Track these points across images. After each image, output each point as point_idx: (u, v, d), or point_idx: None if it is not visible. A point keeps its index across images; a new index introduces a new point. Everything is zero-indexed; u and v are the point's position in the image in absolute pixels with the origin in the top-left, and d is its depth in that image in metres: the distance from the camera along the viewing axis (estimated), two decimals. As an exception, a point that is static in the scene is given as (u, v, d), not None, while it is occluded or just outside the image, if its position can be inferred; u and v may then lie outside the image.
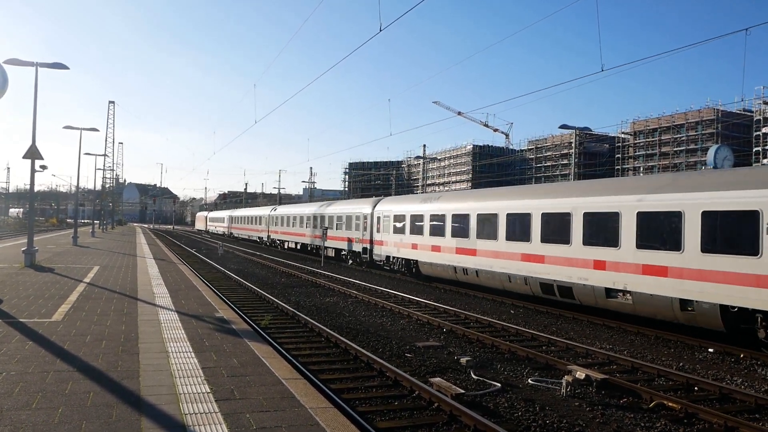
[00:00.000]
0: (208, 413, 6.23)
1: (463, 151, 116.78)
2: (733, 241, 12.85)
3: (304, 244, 43.87)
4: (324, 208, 40.32)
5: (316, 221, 40.69)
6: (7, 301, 13.23)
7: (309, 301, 19.57)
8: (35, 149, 21.08)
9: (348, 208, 35.79)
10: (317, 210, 41.30)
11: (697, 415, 8.70)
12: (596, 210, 16.55)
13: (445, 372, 10.79)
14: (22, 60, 20.60)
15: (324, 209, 39.90)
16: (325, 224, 38.62)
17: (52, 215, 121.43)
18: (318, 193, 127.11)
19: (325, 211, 39.35)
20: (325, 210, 39.58)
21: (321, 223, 39.30)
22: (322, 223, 39.16)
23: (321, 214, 39.98)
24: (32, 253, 22.21)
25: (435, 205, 25.11)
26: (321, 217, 39.68)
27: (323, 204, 42.49)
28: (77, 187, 49.34)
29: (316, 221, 40.69)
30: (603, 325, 16.31)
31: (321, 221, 39.42)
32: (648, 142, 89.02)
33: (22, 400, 6.42)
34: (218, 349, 9.31)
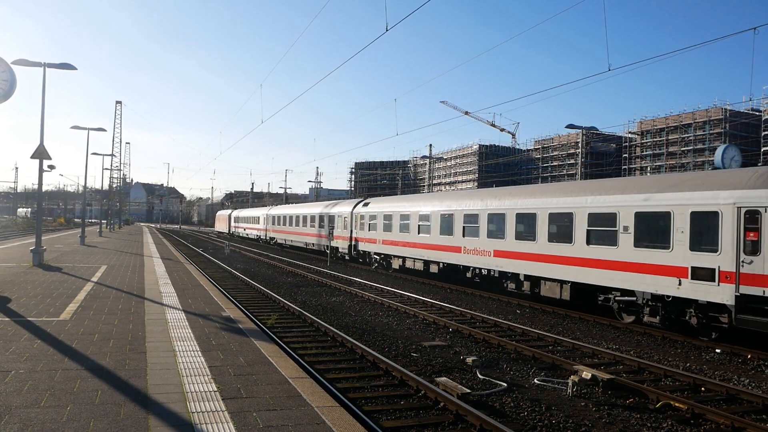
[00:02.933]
0: (215, 412, 6.26)
1: (469, 151, 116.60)
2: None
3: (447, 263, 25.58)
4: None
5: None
6: (15, 300, 13.32)
7: (315, 301, 19.60)
8: (43, 149, 21.20)
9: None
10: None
11: (704, 416, 8.68)
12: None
13: (451, 371, 10.80)
14: (30, 61, 20.73)
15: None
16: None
17: (59, 215, 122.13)
18: (324, 193, 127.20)
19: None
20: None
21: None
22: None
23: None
24: (40, 252, 22.34)
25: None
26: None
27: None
28: (85, 186, 49.60)
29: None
30: (609, 325, 16.28)
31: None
32: (655, 141, 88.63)
33: (30, 398, 6.47)
34: (225, 348, 9.35)
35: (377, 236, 30.97)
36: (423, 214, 26.14)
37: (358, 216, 33.79)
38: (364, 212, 33.11)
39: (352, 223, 34.72)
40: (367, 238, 32.40)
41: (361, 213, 33.52)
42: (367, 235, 32.44)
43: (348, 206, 36.38)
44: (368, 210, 32.59)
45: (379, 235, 30.76)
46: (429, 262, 25.75)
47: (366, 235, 32.68)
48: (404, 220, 27.88)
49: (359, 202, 35.41)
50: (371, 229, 31.85)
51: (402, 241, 28.03)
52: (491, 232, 21.40)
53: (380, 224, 30.58)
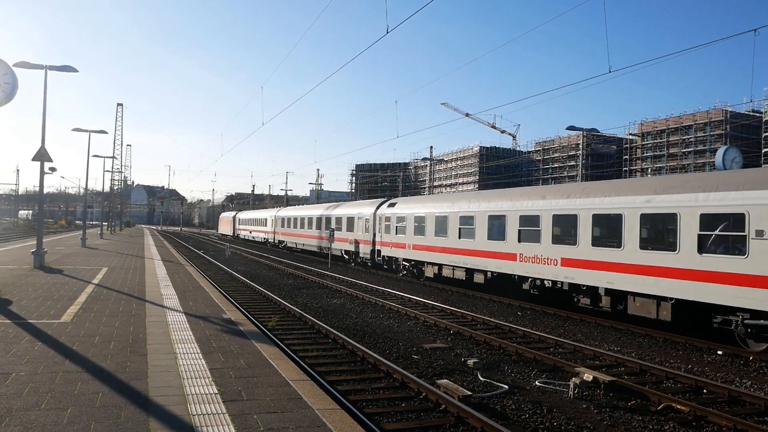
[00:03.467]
0: (215, 414, 6.25)
1: (470, 153, 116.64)
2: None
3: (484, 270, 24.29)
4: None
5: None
6: (16, 303, 13.32)
7: (316, 303, 19.59)
8: (44, 151, 21.22)
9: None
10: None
11: (705, 418, 8.66)
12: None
13: (452, 374, 10.78)
14: (32, 63, 20.78)
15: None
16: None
17: (60, 217, 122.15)
18: (325, 195, 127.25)
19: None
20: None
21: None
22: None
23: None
24: (41, 254, 22.34)
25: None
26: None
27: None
28: (86, 189, 49.66)
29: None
30: (611, 327, 16.25)
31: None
32: (656, 143, 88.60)
33: (31, 401, 6.46)
34: (226, 350, 9.34)
35: (406, 240, 27.73)
36: (465, 216, 23.01)
37: (383, 218, 30.60)
38: (390, 213, 29.86)
39: (375, 226, 31.80)
40: (394, 242, 29.12)
41: (386, 214, 30.28)
42: (394, 239, 29.11)
43: (370, 207, 33.44)
44: (395, 211, 29.35)
45: (408, 239, 27.54)
46: (473, 271, 22.53)
47: (392, 239, 29.35)
48: (441, 223, 24.68)
49: (383, 203, 32.33)
50: (399, 233, 28.58)
51: (438, 246, 24.77)
52: (558, 237, 18.24)
53: (410, 227, 27.37)
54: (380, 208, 31.57)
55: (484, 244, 21.79)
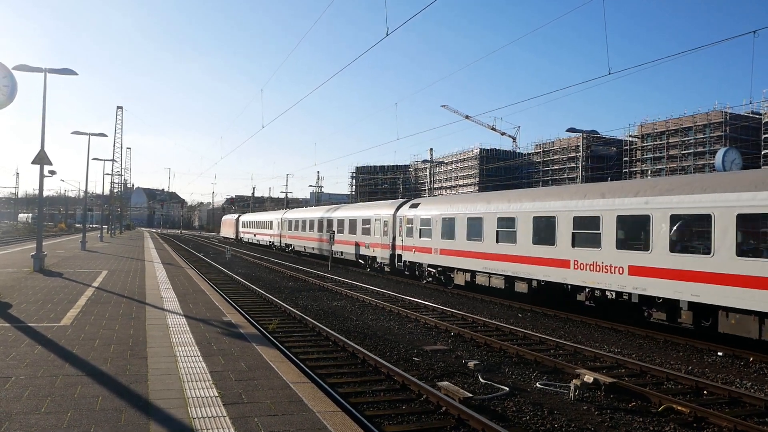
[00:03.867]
0: (216, 417, 6.25)
1: (470, 155, 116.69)
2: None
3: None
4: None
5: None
6: (16, 306, 13.31)
7: (316, 305, 19.58)
8: (44, 155, 21.23)
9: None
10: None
11: (706, 419, 8.65)
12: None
13: (452, 376, 10.77)
14: (31, 66, 20.80)
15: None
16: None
17: (60, 220, 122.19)
18: (325, 197, 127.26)
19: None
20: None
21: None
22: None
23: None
24: (41, 257, 22.34)
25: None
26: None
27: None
28: (86, 192, 49.67)
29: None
30: (611, 329, 16.24)
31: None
32: (656, 145, 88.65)
33: (31, 405, 6.45)
34: (226, 353, 9.33)
35: (432, 244, 25.43)
36: (505, 217, 20.62)
37: (404, 220, 28.31)
38: (412, 215, 27.54)
39: (395, 229, 29.52)
40: (418, 246, 26.80)
41: (408, 216, 27.99)
42: (418, 242, 26.72)
43: (388, 208, 31.05)
44: (419, 212, 27.04)
45: (435, 242, 25.25)
46: (514, 279, 20.07)
47: (416, 242, 26.94)
48: (475, 225, 22.25)
49: (404, 203, 30.09)
50: (424, 236, 26.27)
51: (471, 250, 22.38)
52: (624, 242, 16.04)
53: (437, 229, 25.05)
54: (401, 209, 29.44)
55: (528, 249, 19.34)
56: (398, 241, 29.19)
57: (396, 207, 30.12)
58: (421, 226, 26.63)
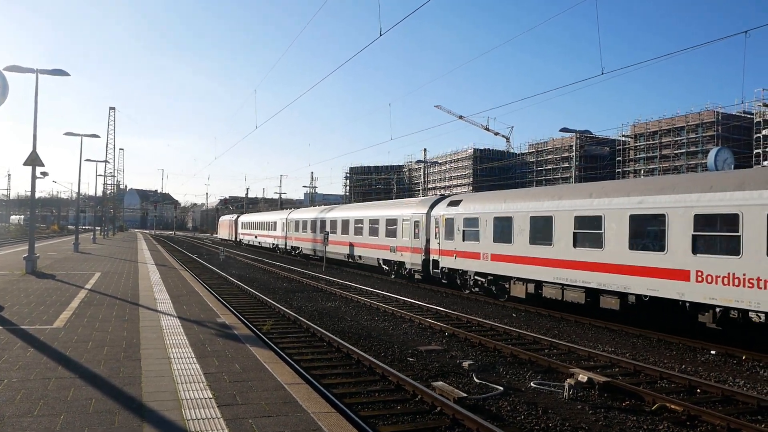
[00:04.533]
0: (210, 419, 6.23)
1: (464, 155, 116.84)
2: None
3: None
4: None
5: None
6: (8, 308, 13.23)
7: (311, 306, 19.56)
8: (36, 156, 21.12)
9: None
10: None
11: (699, 418, 8.69)
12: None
13: (447, 376, 10.78)
14: (23, 67, 20.69)
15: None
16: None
17: (53, 222, 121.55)
18: (319, 197, 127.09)
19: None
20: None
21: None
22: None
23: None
24: (33, 259, 22.22)
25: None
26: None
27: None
28: (78, 193, 49.45)
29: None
30: (605, 328, 16.29)
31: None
32: (648, 144, 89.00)
33: (24, 407, 6.42)
34: (220, 354, 9.31)
35: (481, 248, 21.80)
36: (586, 215, 17.05)
37: (442, 220, 24.60)
38: (452, 214, 23.91)
39: (429, 230, 25.87)
40: (461, 250, 23.06)
41: (447, 215, 24.33)
42: (461, 246, 23.07)
43: (419, 207, 27.42)
44: (461, 211, 23.44)
45: (484, 246, 21.61)
46: (600, 292, 16.52)
47: (458, 246, 23.29)
48: (541, 225, 18.79)
49: (439, 201, 26.36)
50: (468, 239, 22.65)
51: (536, 256, 18.85)
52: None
53: (487, 231, 21.44)
54: (436, 207, 25.70)
55: (621, 256, 15.79)
56: (433, 244, 25.43)
57: (430, 205, 26.45)
58: (464, 227, 22.94)
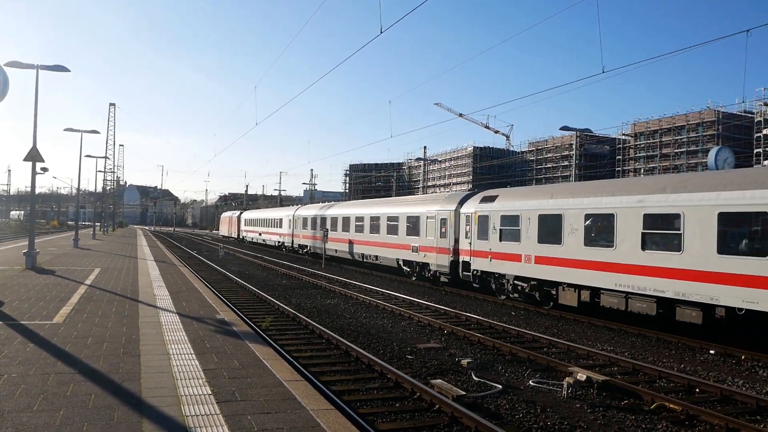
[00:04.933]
0: (209, 415, 6.23)
1: (463, 153, 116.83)
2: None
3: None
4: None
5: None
6: (8, 304, 13.24)
7: (310, 303, 19.57)
8: (36, 152, 21.12)
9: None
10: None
11: (698, 417, 8.69)
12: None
13: (446, 374, 10.79)
14: (23, 63, 20.67)
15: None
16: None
17: (53, 217, 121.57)
18: (318, 195, 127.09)
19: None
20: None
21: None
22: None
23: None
24: (33, 255, 22.22)
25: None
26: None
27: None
28: (78, 189, 49.42)
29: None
30: (604, 327, 16.30)
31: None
32: (649, 143, 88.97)
33: (23, 403, 6.42)
34: (219, 350, 9.31)
35: (522, 249, 19.41)
36: (659, 213, 14.72)
37: (474, 217, 22.20)
38: (487, 211, 21.45)
39: (458, 228, 23.59)
40: (497, 252, 20.65)
41: (480, 212, 21.86)
42: (497, 246, 20.68)
43: (447, 203, 24.97)
44: (498, 207, 20.95)
45: (526, 247, 19.24)
46: (676, 302, 14.35)
47: (493, 246, 20.89)
48: (599, 224, 16.64)
49: (469, 196, 24.08)
50: (506, 238, 20.26)
51: (592, 260, 16.53)
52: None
53: (530, 230, 19.04)
54: (467, 203, 23.38)
55: (707, 261, 13.55)
56: (463, 244, 23.04)
57: (458, 201, 24.07)
58: (502, 226, 20.54)
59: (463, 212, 23.29)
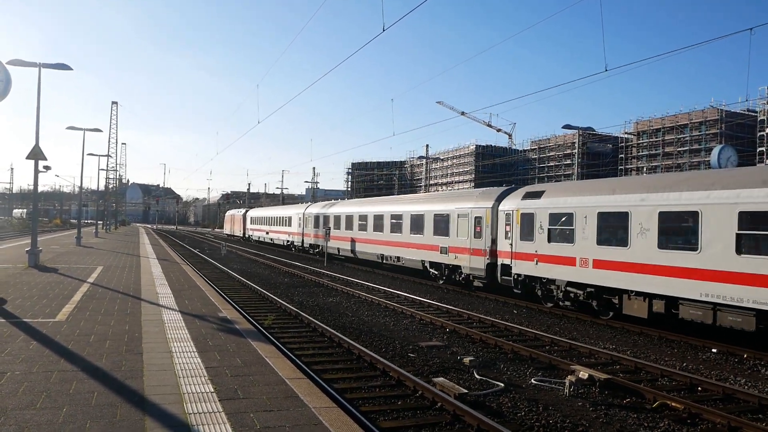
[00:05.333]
0: (211, 413, 6.24)
1: (465, 151, 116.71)
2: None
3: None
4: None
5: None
6: (11, 301, 13.27)
7: (312, 301, 19.58)
8: (39, 150, 21.15)
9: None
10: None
11: (700, 416, 8.69)
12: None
13: (448, 372, 10.79)
14: (25, 61, 20.69)
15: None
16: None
17: (55, 216, 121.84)
18: (320, 193, 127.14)
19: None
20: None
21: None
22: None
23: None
24: (36, 253, 22.27)
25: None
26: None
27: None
28: (80, 187, 49.48)
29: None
30: (606, 326, 16.29)
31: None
32: (651, 142, 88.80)
33: (26, 400, 6.44)
34: (222, 348, 9.32)
35: (578, 252, 17.05)
36: (760, 212, 12.61)
37: (516, 215, 19.80)
38: (532, 208, 19.09)
39: (494, 228, 21.44)
40: (544, 254, 18.40)
41: (524, 210, 19.50)
42: (546, 248, 18.34)
43: (482, 199, 22.75)
44: (546, 204, 18.59)
45: (583, 249, 16.86)
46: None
47: (540, 248, 18.59)
48: (677, 223, 14.58)
49: (508, 192, 21.84)
50: (556, 239, 17.97)
51: (669, 264, 14.39)
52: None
53: (587, 229, 16.75)
54: (506, 200, 21.04)
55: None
56: (502, 245, 20.72)
57: (496, 197, 21.88)
58: (551, 225, 18.22)
59: (503, 210, 20.92)
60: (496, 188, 23.77)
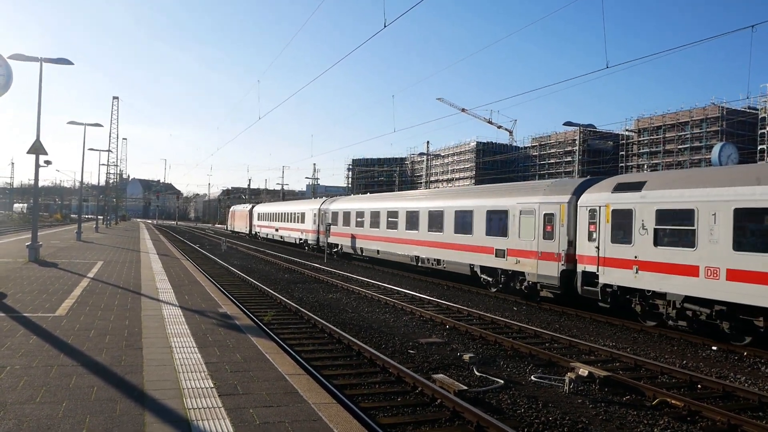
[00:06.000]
0: (211, 408, 6.24)
1: (466, 148, 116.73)
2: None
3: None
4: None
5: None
6: (11, 296, 13.27)
7: (312, 297, 19.58)
8: (39, 144, 21.14)
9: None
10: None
11: (700, 413, 8.69)
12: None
13: (448, 369, 10.80)
14: (27, 55, 20.68)
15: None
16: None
17: (56, 210, 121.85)
18: (321, 189, 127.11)
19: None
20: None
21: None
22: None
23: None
24: (36, 248, 22.27)
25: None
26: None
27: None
28: (81, 182, 49.48)
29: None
30: (606, 323, 16.29)
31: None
32: (652, 139, 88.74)
33: (26, 394, 6.44)
34: (221, 344, 9.33)
35: (700, 259, 13.65)
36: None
37: (606, 212, 16.32)
38: (629, 203, 15.64)
39: (570, 228, 17.83)
40: (650, 261, 14.91)
41: (616, 205, 16.05)
42: (651, 253, 14.91)
43: (553, 192, 19.08)
44: (650, 198, 15.11)
45: (710, 255, 13.45)
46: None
47: (642, 252, 15.13)
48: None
49: (588, 183, 18.25)
50: (665, 242, 14.61)
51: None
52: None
53: (718, 230, 13.29)
54: (587, 192, 17.50)
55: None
56: (584, 248, 17.15)
57: (573, 190, 18.26)
58: (658, 225, 14.82)
59: (584, 205, 17.27)
60: (571, 179, 20.94)
